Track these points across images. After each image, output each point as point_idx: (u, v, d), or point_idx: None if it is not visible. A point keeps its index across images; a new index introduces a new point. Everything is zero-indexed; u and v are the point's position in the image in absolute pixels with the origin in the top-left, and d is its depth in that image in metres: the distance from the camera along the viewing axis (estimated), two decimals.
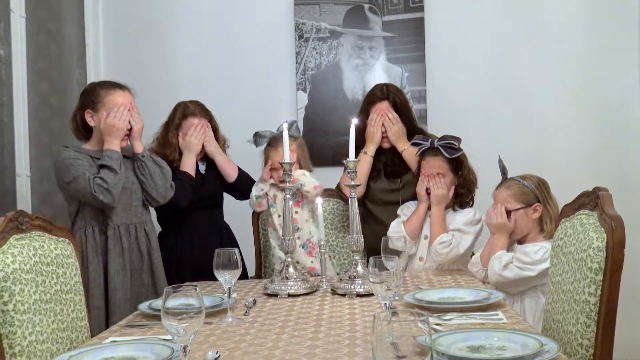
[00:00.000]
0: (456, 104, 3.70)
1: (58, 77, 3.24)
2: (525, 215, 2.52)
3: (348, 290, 2.21)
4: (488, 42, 3.71)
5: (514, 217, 2.52)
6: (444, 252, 2.60)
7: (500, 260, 2.44)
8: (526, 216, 2.52)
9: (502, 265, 2.43)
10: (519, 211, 2.52)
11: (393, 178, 2.99)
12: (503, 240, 2.53)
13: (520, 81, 3.69)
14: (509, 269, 2.42)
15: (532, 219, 2.52)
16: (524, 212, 2.52)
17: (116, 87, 2.62)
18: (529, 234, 2.54)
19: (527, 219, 2.52)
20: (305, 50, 3.76)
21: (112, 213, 2.55)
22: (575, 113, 3.67)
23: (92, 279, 2.47)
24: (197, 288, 1.42)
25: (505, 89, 3.69)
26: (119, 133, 2.56)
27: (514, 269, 2.41)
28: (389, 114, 2.94)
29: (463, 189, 2.72)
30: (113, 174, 2.48)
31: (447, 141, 2.69)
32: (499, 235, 2.54)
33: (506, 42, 3.70)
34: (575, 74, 3.67)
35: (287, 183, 2.33)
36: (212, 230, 3.01)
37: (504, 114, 3.69)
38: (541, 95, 3.69)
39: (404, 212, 2.83)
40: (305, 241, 2.73)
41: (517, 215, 2.52)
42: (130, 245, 2.59)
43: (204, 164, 3.07)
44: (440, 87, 3.71)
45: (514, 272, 2.41)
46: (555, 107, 3.68)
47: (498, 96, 3.70)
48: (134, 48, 3.85)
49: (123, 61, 3.80)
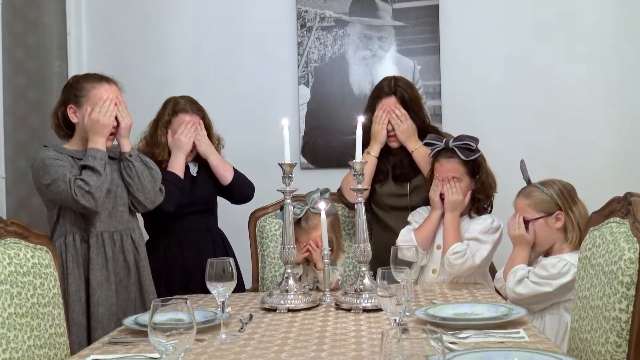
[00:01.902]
0: (474, 101, 3.70)
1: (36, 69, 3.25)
2: (546, 225, 2.51)
3: (354, 305, 2.21)
4: (510, 33, 3.70)
5: (533, 227, 2.52)
6: (457, 262, 2.59)
7: (515, 275, 2.44)
8: (547, 226, 2.51)
9: (516, 280, 2.42)
10: (538, 221, 2.51)
11: (401, 181, 2.99)
12: (523, 253, 2.52)
13: (545, 77, 3.68)
14: (524, 284, 2.41)
15: (554, 229, 2.51)
16: (544, 222, 2.51)
17: (102, 80, 2.62)
18: (554, 245, 2.53)
19: (548, 229, 2.51)
20: (308, 41, 3.76)
21: (95, 219, 2.55)
22: (606, 113, 3.65)
23: (72, 291, 2.47)
24: (187, 301, 1.42)
25: (529, 85, 3.68)
26: (105, 130, 2.56)
27: (528, 284, 2.41)
28: (396, 110, 2.93)
29: (480, 194, 2.71)
30: (96, 176, 2.48)
31: (464, 142, 2.67)
32: (519, 248, 2.53)
33: (530, 34, 3.69)
34: (607, 72, 3.64)
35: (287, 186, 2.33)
36: (204, 238, 3.01)
37: (527, 113, 3.68)
38: (569, 93, 3.67)
39: (415, 219, 2.82)
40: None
41: (537, 225, 2.51)
42: (115, 255, 2.59)
43: (196, 165, 3.07)
44: (456, 81, 3.70)
45: (529, 288, 2.40)
46: (584, 106, 3.66)
47: (520, 93, 3.69)
48: (121, 38, 3.85)
49: (108, 52, 3.81)
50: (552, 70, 3.68)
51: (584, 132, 3.65)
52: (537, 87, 3.68)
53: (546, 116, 3.67)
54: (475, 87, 3.71)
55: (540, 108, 3.68)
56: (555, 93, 3.68)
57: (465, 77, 3.71)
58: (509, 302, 2.33)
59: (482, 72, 3.71)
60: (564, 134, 3.66)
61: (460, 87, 3.70)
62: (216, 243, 3.04)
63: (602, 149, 3.64)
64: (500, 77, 3.70)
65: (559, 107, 3.67)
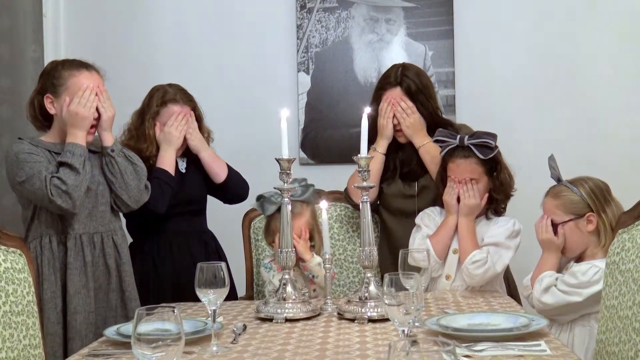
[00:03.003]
0: (491, 90, 3.70)
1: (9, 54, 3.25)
2: (577, 228, 2.51)
3: (358, 315, 2.21)
4: (534, 13, 3.69)
5: (562, 231, 2.51)
6: (478, 272, 2.59)
7: (541, 282, 2.43)
8: (578, 229, 2.51)
9: (542, 288, 2.42)
10: (567, 224, 2.51)
11: (409, 181, 2.99)
12: (551, 259, 2.52)
13: (574, 62, 3.67)
14: (551, 293, 2.41)
15: (585, 232, 2.51)
16: (575, 225, 2.51)
17: (81, 67, 2.62)
18: (587, 250, 2.53)
19: (579, 232, 2.51)
20: (308, 24, 3.76)
21: (73, 220, 2.56)
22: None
23: (47, 298, 2.48)
24: (175, 310, 1.42)
25: (555, 72, 3.67)
26: (85, 123, 2.56)
27: (556, 293, 2.40)
28: (402, 102, 2.93)
29: (499, 194, 2.71)
30: (74, 174, 2.48)
31: (481, 139, 2.66)
32: (547, 254, 2.53)
33: (556, 14, 3.67)
34: None
35: (285, 184, 2.33)
36: (194, 241, 3.01)
37: (552, 103, 3.67)
38: (601, 80, 3.65)
39: (424, 222, 2.81)
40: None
41: (566, 228, 2.51)
42: (95, 259, 2.59)
43: (184, 161, 3.07)
44: (472, 68, 3.70)
45: (556, 297, 2.40)
46: (617, 95, 3.65)
47: (545, 80, 3.68)
48: (103, 20, 3.85)
49: (89, 35, 3.81)
50: (581, 55, 3.67)
51: (618, 123, 3.63)
52: (564, 74, 3.67)
53: (574, 106, 3.66)
54: (493, 75, 3.70)
55: (567, 97, 3.67)
56: (585, 80, 3.67)
57: (482, 64, 3.71)
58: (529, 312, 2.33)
59: (501, 58, 3.70)
60: (596, 126, 3.64)
61: (476, 74, 3.70)
62: (207, 246, 3.04)
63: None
64: (522, 63, 3.69)
65: (590, 96, 3.66)
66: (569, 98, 3.67)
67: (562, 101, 3.67)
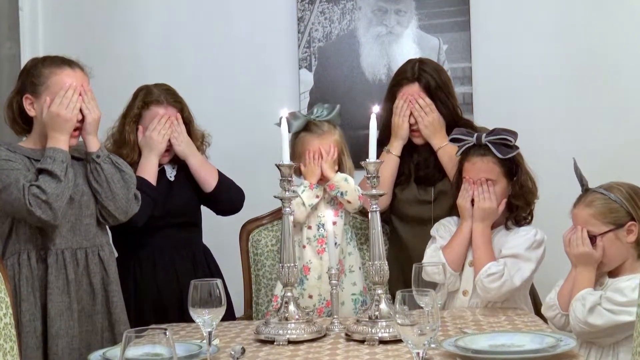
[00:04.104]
0: (512, 87, 3.69)
1: None
2: (617, 239, 2.49)
3: (368, 335, 2.21)
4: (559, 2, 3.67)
5: (601, 243, 2.50)
6: (493, 287, 2.59)
7: (584, 302, 2.40)
8: (617, 240, 2.49)
9: (586, 308, 2.38)
10: (607, 235, 2.49)
11: (425, 185, 3.00)
12: (588, 274, 2.50)
13: (604, 56, 3.65)
14: (597, 313, 2.37)
15: (625, 243, 2.49)
16: (614, 236, 2.49)
17: (64, 64, 2.62)
18: (625, 262, 2.51)
19: (619, 244, 2.49)
20: (311, 16, 3.77)
21: (55, 234, 2.55)
22: None
23: (25, 321, 2.47)
24: (167, 332, 1.42)
25: (584, 67, 3.65)
26: (67, 126, 2.56)
27: (603, 313, 2.37)
28: (420, 100, 2.94)
29: (519, 201, 2.71)
30: (55, 182, 2.47)
31: (500, 136, 2.67)
32: (583, 269, 2.50)
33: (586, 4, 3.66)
34: None
35: (286, 192, 2.34)
36: (185, 256, 3.01)
37: (580, 101, 3.65)
38: (635, 78, 3.62)
39: (440, 234, 2.81)
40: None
41: (605, 240, 2.49)
42: (79, 278, 2.59)
43: (174, 168, 3.07)
44: (491, 63, 3.70)
45: (605, 318, 2.36)
46: None
47: (573, 77, 3.65)
48: (84, 14, 3.87)
49: (70, 31, 3.82)
50: (614, 47, 3.65)
51: None
52: (595, 69, 3.65)
53: (605, 105, 3.63)
54: (514, 70, 3.70)
55: (597, 95, 3.64)
56: (618, 76, 3.64)
57: (501, 59, 3.70)
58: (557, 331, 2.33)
59: (523, 52, 3.70)
60: (629, 127, 3.61)
61: (495, 70, 3.70)
62: (200, 262, 3.04)
63: None
64: (547, 57, 3.68)
65: (623, 94, 3.63)
66: (599, 96, 3.64)
67: (591, 100, 3.65)
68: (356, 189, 2.81)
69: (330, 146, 2.86)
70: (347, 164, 2.92)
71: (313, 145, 2.86)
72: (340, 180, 2.81)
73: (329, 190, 2.80)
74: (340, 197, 2.81)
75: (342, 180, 2.81)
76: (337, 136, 2.91)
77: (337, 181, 2.80)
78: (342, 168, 2.92)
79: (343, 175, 2.83)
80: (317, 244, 2.81)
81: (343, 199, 2.82)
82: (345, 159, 2.93)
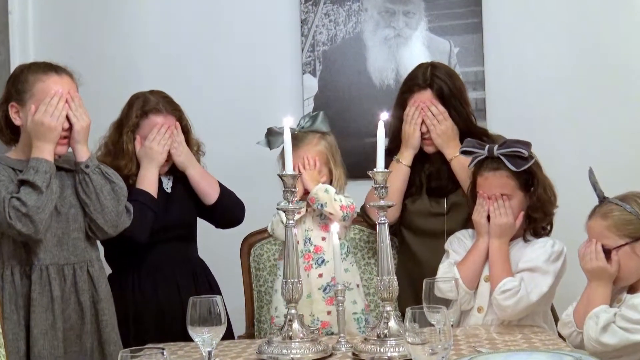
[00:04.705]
0: (527, 93, 3.69)
1: None
2: (633, 253, 2.48)
3: (376, 355, 2.20)
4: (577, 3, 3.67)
5: (616, 257, 2.49)
6: (508, 304, 2.58)
7: (597, 320, 2.40)
8: (634, 254, 2.48)
9: (599, 326, 2.38)
10: (622, 248, 2.48)
11: (437, 197, 3.00)
12: (602, 290, 2.49)
13: (624, 61, 3.65)
14: (611, 331, 2.37)
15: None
16: (631, 250, 2.48)
17: (50, 70, 2.63)
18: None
19: (635, 258, 2.48)
20: (315, 18, 3.78)
21: (39, 249, 2.55)
22: None
23: (8, 341, 2.45)
24: (164, 352, 1.42)
25: (602, 71, 3.65)
26: (52, 134, 2.56)
27: (616, 331, 2.36)
28: (433, 107, 2.94)
29: (537, 213, 2.70)
30: (36, 194, 2.47)
31: (513, 149, 2.65)
32: (597, 284, 2.50)
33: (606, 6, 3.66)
34: None
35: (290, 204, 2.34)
36: (183, 272, 3.02)
37: (599, 107, 3.65)
38: None
39: (454, 248, 2.81)
40: (329, 281, 2.74)
41: (621, 254, 2.48)
42: (65, 295, 2.58)
43: (170, 179, 3.08)
44: (505, 67, 3.70)
45: (618, 337, 2.36)
46: None
47: (592, 81, 3.66)
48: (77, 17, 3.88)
49: (61, 35, 3.84)
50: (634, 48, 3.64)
51: None
52: (615, 73, 3.65)
53: (625, 109, 3.64)
54: (529, 74, 3.70)
55: (619, 100, 3.65)
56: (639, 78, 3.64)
57: (516, 61, 3.71)
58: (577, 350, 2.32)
59: (539, 55, 3.70)
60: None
61: (509, 74, 3.70)
62: (198, 277, 3.05)
63: None
64: (564, 59, 3.68)
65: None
66: (617, 103, 3.65)
67: (610, 106, 3.65)
68: (338, 199, 2.77)
69: (309, 157, 2.83)
70: (336, 173, 2.89)
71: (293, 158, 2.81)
72: (319, 192, 2.77)
73: (311, 204, 2.77)
74: (321, 209, 2.78)
75: (322, 192, 2.78)
76: (321, 146, 2.88)
77: (316, 193, 2.77)
78: (332, 178, 2.89)
79: (323, 186, 2.80)
80: (303, 261, 2.78)
81: (325, 210, 2.78)
82: (334, 168, 2.90)
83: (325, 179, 2.85)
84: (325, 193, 2.76)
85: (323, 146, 2.89)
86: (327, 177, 2.87)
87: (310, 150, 2.85)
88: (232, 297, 3.07)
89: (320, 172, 2.86)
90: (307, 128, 2.88)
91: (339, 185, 2.86)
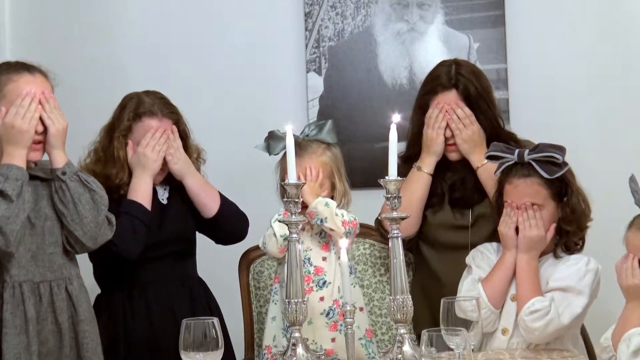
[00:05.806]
0: (554, 92, 3.69)
1: None
2: None
3: None
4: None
5: None
6: (537, 326, 2.57)
7: (629, 343, 2.40)
8: None
9: (630, 351, 2.38)
10: None
11: (461, 208, 2.99)
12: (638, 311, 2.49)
13: None
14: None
15: None
16: None
17: (22, 69, 2.63)
18: None
19: None
20: (320, 10, 3.78)
21: (11, 264, 2.55)
22: None
23: None
24: None
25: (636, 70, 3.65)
26: (23, 138, 2.56)
27: None
28: (458, 110, 2.94)
29: (570, 225, 2.70)
30: (6, 203, 2.47)
31: (545, 153, 2.65)
32: (634, 304, 2.49)
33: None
34: None
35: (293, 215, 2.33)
36: (179, 292, 3.03)
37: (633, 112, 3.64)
38: None
39: (476, 263, 2.81)
40: (331, 304, 2.73)
41: None
42: (42, 315, 2.58)
43: (166, 189, 3.09)
44: (530, 64, 3.70)
45: None
46: None
47: (623, 81, 3.65)
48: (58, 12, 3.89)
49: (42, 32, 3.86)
50: None
51: None
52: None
53: None
54: (556, 74, 3.69)
55: None
56: None
57: (542, 59, 3.70)
58: None
59: (567, 51, 3.69)
60: None
61: (534, 72, 3.70)
62: (194, 298, 3.05)
63: None
64: (594, 57, 3.67)
65: None
66: None
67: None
68: (339, 214, 2.73)
69: (311, 168, 2.81)
70: (340, 188, 2.87)
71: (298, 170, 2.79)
72: (319, 205, 2.73)
73: (310, 219, 2.74)
74: (321, 225, 2.75)
75: (322, 205, 2.73)
76: (326, 157, 2.86)
77: (315, 207, 2.72)
78: (335, 193, 2.87)
79: (323, 199, 2.76)
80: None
81: (325, 226, 2.75)
82: (338, 182, 2.87)
83: (326, 194, 2.82)
84: (325, 207, 2.72)
85: (328, 157, 2.87)
86: (329, 192, 2.84)
87: (313, 160, 2.83)
88: (234, 319, 3.07)
89: (322, 185, 2.83)
90: (312, 137, 2.87)
91: (343, 201, 2.84)
